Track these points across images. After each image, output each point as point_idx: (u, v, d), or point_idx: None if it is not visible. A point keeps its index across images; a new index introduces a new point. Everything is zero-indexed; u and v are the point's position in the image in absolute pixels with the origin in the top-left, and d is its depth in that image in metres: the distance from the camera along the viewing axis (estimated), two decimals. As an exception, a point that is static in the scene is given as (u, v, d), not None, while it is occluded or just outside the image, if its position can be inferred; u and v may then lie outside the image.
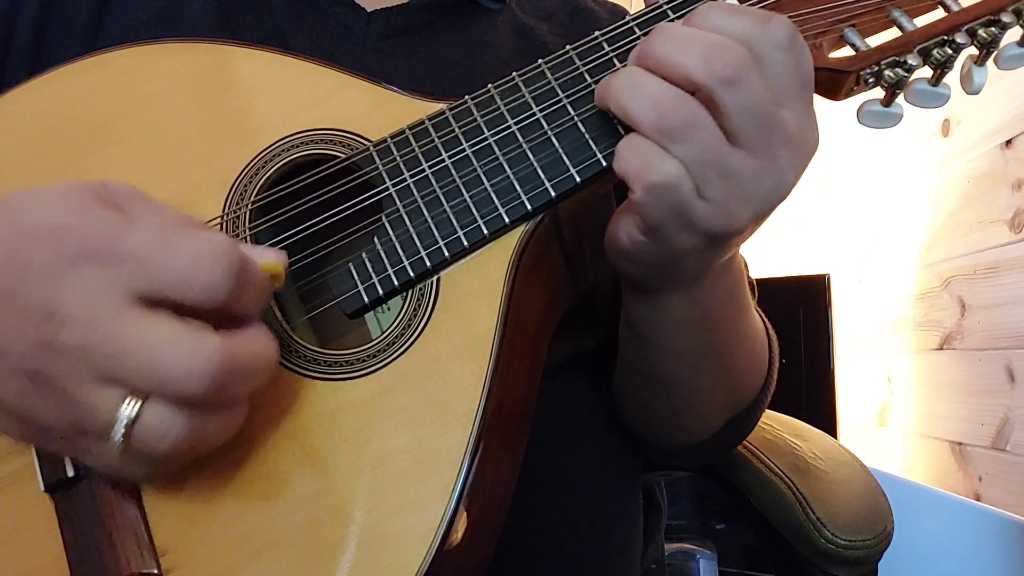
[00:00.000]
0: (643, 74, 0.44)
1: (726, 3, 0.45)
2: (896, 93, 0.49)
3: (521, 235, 0.47)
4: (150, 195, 0.41)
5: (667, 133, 0.42)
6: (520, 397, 0.49)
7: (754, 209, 0.44)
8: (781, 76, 0.43)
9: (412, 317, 0.46)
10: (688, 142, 0.42)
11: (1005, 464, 1.32)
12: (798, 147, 0.44)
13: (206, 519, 0.42)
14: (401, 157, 0.48)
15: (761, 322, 0.67)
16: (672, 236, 0.45)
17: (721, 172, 0.43)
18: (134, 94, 0.51)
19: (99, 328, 0.35)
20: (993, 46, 0.49)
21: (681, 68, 0.42)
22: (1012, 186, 1.30)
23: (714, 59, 0.42)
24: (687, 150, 0.42)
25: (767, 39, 0.43)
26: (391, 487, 0.43)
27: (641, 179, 0.43)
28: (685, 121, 0.42)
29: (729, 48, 0.42)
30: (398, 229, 0.47)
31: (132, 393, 0.36)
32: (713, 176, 0.43)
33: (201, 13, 0.63)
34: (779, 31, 0.43)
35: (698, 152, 0.42)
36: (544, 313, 0.53)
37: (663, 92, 0.43)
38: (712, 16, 0.44)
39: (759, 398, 0.66)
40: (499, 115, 0.48)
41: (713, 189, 0.43)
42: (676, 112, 0.42)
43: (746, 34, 0.43)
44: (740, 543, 1.67)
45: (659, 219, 0.45)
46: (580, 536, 0.63)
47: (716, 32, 0.43)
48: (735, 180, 0.43)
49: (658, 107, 0.42)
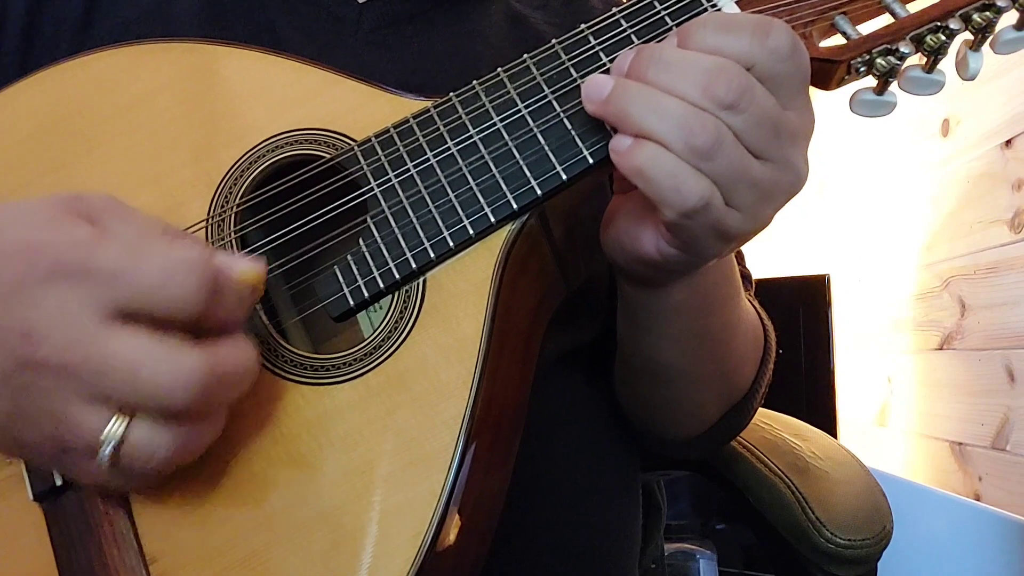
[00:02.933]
0: (660, 94, 0.42)
1: (721, 17, 0.44)
2: (889, 81, 0.48)
3: (508, 234, 0.47)
4: (126, 204, 0.40)
5: (698, 152, 0.42)
6: (512, 396, 0.48)
7: (775, 206, 0.45)
8: (784, 83, 0.43)
9: (399, 319, 0.46)
10: (718, 158, 0.42)
11: (1005, 464, 1.32)
12: (804, 138, 0.45)
13: (195, 526, 0.42)
14: (386, 157, 0.48)
15: (755, 312, 0.68)
16: (705, 246, 0.45)
17: (748, 183, 0.43)
18: (118, 96, 0.50)
19: (79, 346, 0.35)
20: (988, 31, 0.47)
21: (679, 96, 0.42)
22: (1012, 186, 1.30)
23: (714, 86, 0.41)
24: (718, 166, 0.42)
25: (769, 53, 0.42)
26: (379, 491, 0.42)
27: (674, 205, 0.43)
28: (714, 138, 0.41)
29: (727, 71, 0.41)
30: (383, 230, 0.47)
31: (118, 411, 0.36)
32: (742, 187, 0.43)
33: (190, 9, 0.63)
34: (780, 42, 0.42)
35: (726, 167, 0.42)
36: (535, 311, 0.52)
37: (685, 111, 0.42)
38: (708, 36, 0.43)
39: (754, 388, 0.66)
40: (484, 112, 0.48)
41: (742, 199, 0.43)
42: (706, 130, 0.41)
43: (746, 53, 0.42)
44: (740, 543, 1.67)
45: (694, 235, 0.45)
46: (578, 533, 0.63)
47: (713, 53, 0.42)
48: (760, 187, 0.44)
49: (685, 128, 0.41)
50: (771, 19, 0.44)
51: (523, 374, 0.50)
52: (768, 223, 0.46)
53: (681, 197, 0.42)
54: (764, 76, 0.42)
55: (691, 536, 1.66)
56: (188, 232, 0.45)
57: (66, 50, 0.59)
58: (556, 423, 0.62)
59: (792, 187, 0.45)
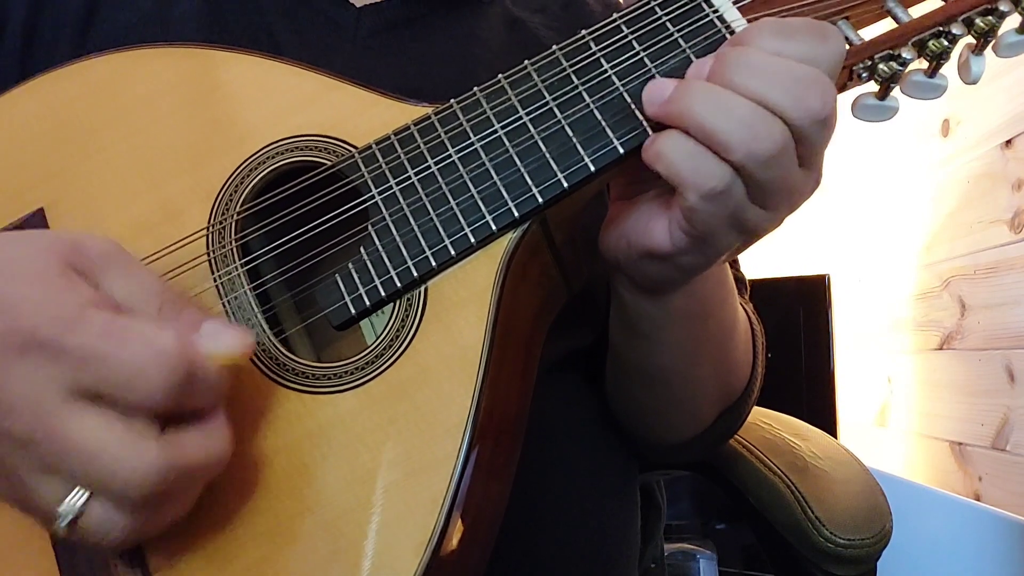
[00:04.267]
0: (728, 93, 0.42)
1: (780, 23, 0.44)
2: (891, 87, 0.48)
3: (509, 242, 0.47)
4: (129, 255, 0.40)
5: (757, 159, 0.41)
6: (513, 402, 0.48)
7: (796, 207, 0.46)
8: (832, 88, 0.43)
9: (400, 328, 0.46)
10: (775, 168, 0.42)
11: (1005, 464, 1.32)
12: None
13: (198, 537, 0.42)
14: (386, 164, 0.48)
15: (746, 314, 0.68)
16: (720, 239, 0.45)
17: (789, 189, 0.43)
18: (118, 101, 0.50)
19: (41, 421, 0.35)
20: (991, 35, 0.47)
21: (770, 104, 0.41)
22: (1012, 186, 1.30)
23: (806, 96, 0.41)
24: (770, 174, 0.42)
25: (831, 57, 0.42)
26: (381, 501, 0.42)
27: (697, 187, 0.42)
28: (779, 147, 0.41)
29: (819, 82, 0.41)
30: (384, 238, 0.46)
31: (78, 486, 0.36)
32: (782, 192, 0.43)
33: (190, 13, 0.63)
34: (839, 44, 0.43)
35: (777, 176, 0.42)
36: (536, 317, 0.52)
37: (753, 115, 0.41)
38: (790, 42, 0.42)
39: (748, 389, 0.66)
40: (485, 119, 0.48)
41: (776, 201, 0.44)
42: (771, 137, 0.41)
43: (820, 57, 0.42)
44: (740, 543, 1.67)
45: (711, 224, 0.44)
46: (577, 535, 0.63)
47: (799, 61, 0.42)
48: (795, 191, 0.44)
49: (751, 131, 0.41)
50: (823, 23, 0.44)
51: (524, 380, 0.50)
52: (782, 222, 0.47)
53: (701, 179, 0.42)
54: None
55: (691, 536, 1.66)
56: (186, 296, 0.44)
57: (66, 54, 0.59)
58: (554, 427, 0.62)
59: (814, 189, 0.46)
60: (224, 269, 0.47)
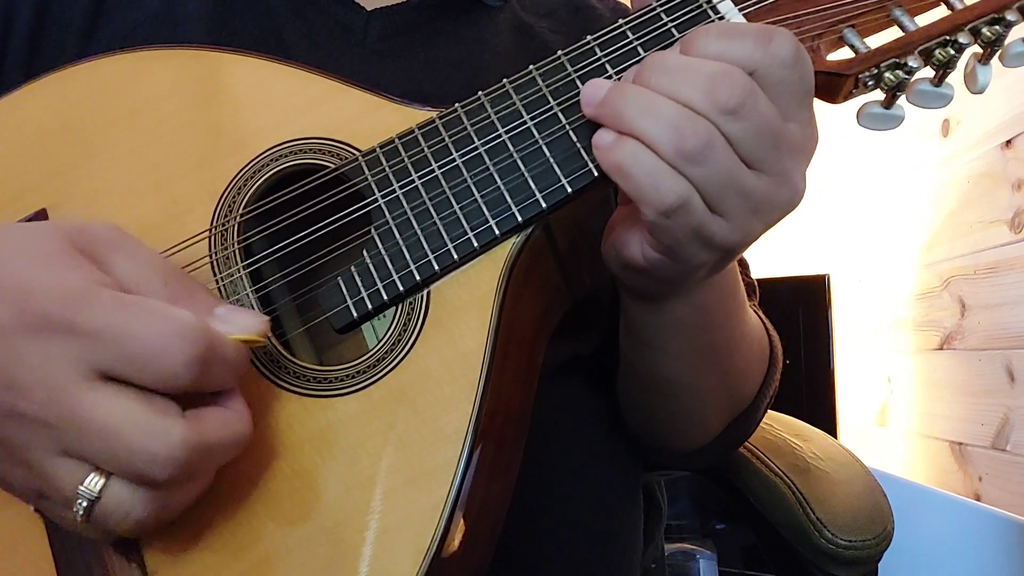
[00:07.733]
0: (656, 95, 0.42)
1: (724, 25, 0.44)
2: (897, 95, 0.48)
3: (512, 247, 0.47)
4: (132, 237, 0.40)
5: (687, 156, 0.41)
6: (515, 406, 0.48)
7: (767, 220, 0.45)
8: (785, 93, 0.42)
9: (402, 331, 0.46)
10: (707, 163, 0.41)
11: (1005, 464, 1.32)
12: (805, 154, 0.44)
13: (196, 539, 0.42)
14: (390, 168, 0.48)
15: (759, 321, 0.67)
16: (690, 253, 0.45)
17: (739, 192, 0.43)
18: (122, 102, 0.50)
19: (58, 404, 0.35)
20: (997, 44, 0.47)
21: (683, 101, 0.41)
22: (1012, 186, 1.30)
23: (716, 90, 0.41)
24: (706, 172, 0.42)
25: (771, 60, 0.42)
26: (381, 507, 0.42)
27: (652, 203, 0.42)
28: (705, 142, 0.41)
29: (730, 76, 0.41)
30: (387, 242, 0.46)
31: (96, 469, 0.35)
32: (731, 195, 0.43)
33: (197, 13, 0.62)
34: (783, 49, 0.42)
35: (716, 173, 0.42)
36: (539, 322, 0.52)
37: (679, 114, 0.41)
38: (711, 42, 0.43)
39: (759, 398, 0.66)
40: (489, 123, 0.48)
41: (731, 207, 0.43)
42: (697, 134, 0.41)
43: (749, 58, 0.42)
44: (740, 543, 1.67)
45: (675, 239, 0.44)
46: (580, 537, 0.63)
47: (716, 59, 0.42)
48: (751, 198, 0.43)
49: (677, 130, 0.41)
50: (775, 27, 0.43)
51: (526, 385, 0.50)
52: (757, 236, 0.45)
53: (659, 195, 0.42)
54: (766, 83, 0.42)
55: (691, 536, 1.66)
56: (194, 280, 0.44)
57: (72, 54, 0.59)
58: (557, 431, 0.62)
59: (788, 203, 0.44)
60: (226, 271, 0.47)
